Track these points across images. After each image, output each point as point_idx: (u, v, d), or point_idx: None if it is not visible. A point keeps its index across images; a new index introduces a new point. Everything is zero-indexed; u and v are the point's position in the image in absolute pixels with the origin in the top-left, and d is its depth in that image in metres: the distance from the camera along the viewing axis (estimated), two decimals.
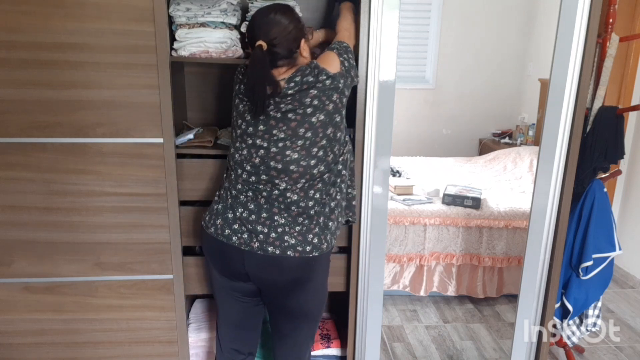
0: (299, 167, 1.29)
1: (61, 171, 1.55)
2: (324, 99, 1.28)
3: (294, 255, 1.31)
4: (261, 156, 1.30)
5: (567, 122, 1.59)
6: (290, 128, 1.28)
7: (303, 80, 1.28)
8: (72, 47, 1.45)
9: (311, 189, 1.32)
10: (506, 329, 2.42)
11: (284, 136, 1.28)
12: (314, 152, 1.30)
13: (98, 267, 1.65)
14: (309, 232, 1.33)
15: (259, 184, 1.32)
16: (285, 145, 1.28)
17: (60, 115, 1.50)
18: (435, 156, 3.93)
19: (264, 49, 1.26)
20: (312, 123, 1.28)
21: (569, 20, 1.51)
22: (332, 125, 1.30)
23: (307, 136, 1.28)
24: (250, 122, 1.31)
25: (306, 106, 1.27)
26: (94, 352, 1.73)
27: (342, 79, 1.32)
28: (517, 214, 2.61)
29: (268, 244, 1.31)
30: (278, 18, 1.28)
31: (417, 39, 4.25)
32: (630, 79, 2.89)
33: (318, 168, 1.31)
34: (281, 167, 1.29)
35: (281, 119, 1.28)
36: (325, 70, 1.29)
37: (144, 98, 1.51)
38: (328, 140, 1.31)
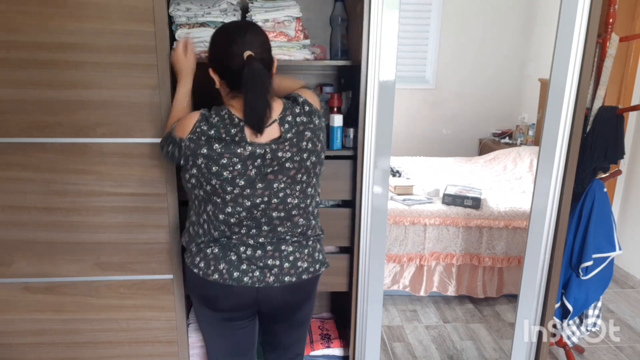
0: (299, 210, 1.27)
1: (61, 171, 1.54)
2: (315, 140, 1.23)
3: (309, 277, 1.32)
4: (262, 209, 1.23)
5: (567, 122, 1.59)
6: (289, 177, 1.22)
7: (297, 120, 1.21)
8: (72, 47, 1.45)
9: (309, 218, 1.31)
10: (506, 329, 2.42)
11: (283, 186, 1.22)
12: (309, 192, 1.28)
13: (98, 267, 1.65)
14: (314, 251, 1.34)
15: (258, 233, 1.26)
16: (285, 194, 1.23)
17: (61, 115, 1.50)
18: (435, 156, 3.93)
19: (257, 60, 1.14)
20: (307, 167, 1.23)
21: (569, 20, 1.51)
22: (319, 163, 1.27)
23: (304, 180, 1.24)
24: (245, 185, 1.19)
25: (302, 151, 1.21)
26: (94, 352, 1.73)
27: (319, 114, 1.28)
28: (517, 214, 2.61)
29: (283, 274, 1.28)
30: (258, 31, 1.20)
31: (417, 39, 4.25)
32: (630, 79, 2.89)
33: (311, 204, 1.30)
34: (284, 214, 1.25)
35: (279, 171, 1.20)
36: (316, 109, 1.25)
37: (144, 98, 1.51)
38: (316, 178, 1.29)
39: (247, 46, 1.15)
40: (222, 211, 1.23)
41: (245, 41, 1.15)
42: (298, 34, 1.64)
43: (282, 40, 1.62)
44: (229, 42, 1.16)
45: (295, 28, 1.63)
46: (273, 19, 1.60)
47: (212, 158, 1.17)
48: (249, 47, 1.15)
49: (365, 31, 1.53)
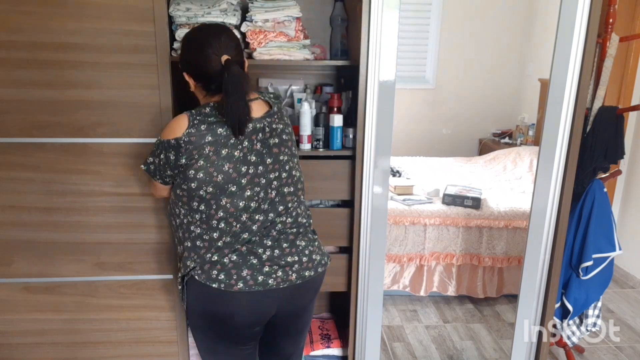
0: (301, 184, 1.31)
1: (61, 171, 1.55)
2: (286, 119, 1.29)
3: (323, 270, 1.33)
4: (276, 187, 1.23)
5: (567, 122, 1.59)
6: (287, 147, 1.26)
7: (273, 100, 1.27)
8: (72, 47, 1.45)
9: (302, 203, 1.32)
10: (506, 329, 2.42)
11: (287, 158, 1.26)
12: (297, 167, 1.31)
13: (98, 267, 1.65)
14: (320, 244, 1.35)
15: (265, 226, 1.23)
16: (290, 165, 1.26)
17: (61, 115, 1.50)
18: (435, 156, 3.93)
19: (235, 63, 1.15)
20: (293, 141, 1.30)
21: (569, 20, 1.51)
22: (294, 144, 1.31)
23: (295, 153, 1.30)
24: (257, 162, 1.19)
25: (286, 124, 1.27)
26: (94, 352, 1.73)
27: None
28: (517, 214, 2.61)
29: (304, 269, 1.26)
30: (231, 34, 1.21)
31: (417, 39, 4.24)
32: (630, 79, 2.89)
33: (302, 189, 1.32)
34: (293, 189, 1.27)
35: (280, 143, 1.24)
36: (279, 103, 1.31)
37: (144, 98, 1.51)
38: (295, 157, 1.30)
39: (224, 50, 1.15)
40: (241, 197, 1.18)
41: (222, 45, 1.16)
42: (298, 34, 1.64)
43: (282, 40, 1.62)
44: (205, 45, 1.16)
45: (295, 28, 1.63)
46: (273, 19, 1.60)
47: (219, 142, 1.16)
48: (225, 50, 1.15)
49: (365, 31, 1.53)
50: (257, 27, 1.60)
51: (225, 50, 1.16)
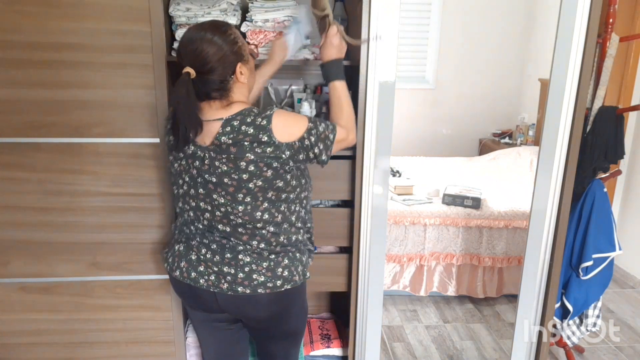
0: (247, 230, 1.21)
1: (57, 171, 1.54)
2: (262, 165, 1.14)
3: (266, 292, 1.23)
4: (208, 219, 1.22)
5: (567, 122, 1.59)
6: (229, 193, 1.17)
7: (241, 128, 1.13)
8: (68, 47, 1.44)
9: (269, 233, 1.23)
10: (506, 329, 2.42)
11: (224, 201, 1.18)
12: (258, 216, 1.20)
13: (94, 267, 1.64)
14: (277, 266, 1.24)
15: (215, 238, 1.24)
16: (227, 210, 1.18)
17: (56, 115, 1.49)
18: (435, 156, 3.93)
19: (191, 77, 1.10)
20: (250, 189, 1.16)
21: (569, 20, 1.51)
22: (273, 189, 1.18)
23: (247, 201, 1.17)
24: (190, 183, 1.21)
25: (242, 171, 1.14)
26: (90, 352, 1.72)
27: (290, 151, 1.16)
28: (517, 214, 2.60)
29: (237, 284, 1.22)
30: (209, 38, 1.11)
31: (417, 39, 4.24)
32: (630, 79, 2.88)
33: (267, 229, 1.21)
34: (230, 229, 1.21)
35: (218, 184, 1.16)
36: (270, 133, 1.13)
37: (139, 98, 1.50)
38: (271, 203, 1.19)
39: (189, 61, 1.11)
40: (177, 205, 1.29)
41: (187, 54, 1.12)
42: None
43: None
44: (178, 52, 1.16)
45: None
46: (273, 19, 1.59)
47: (169, 148, 1.24)
48: (189, 61, 1.11)
49: (365, 31, 1.52)
50: (257, 27, 1.59)
51: (187, 61, 1.12)
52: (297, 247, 1.28)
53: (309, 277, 1.33)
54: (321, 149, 1.20)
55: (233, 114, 1.15)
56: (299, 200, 1.26)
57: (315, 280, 1.78)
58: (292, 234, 1.27)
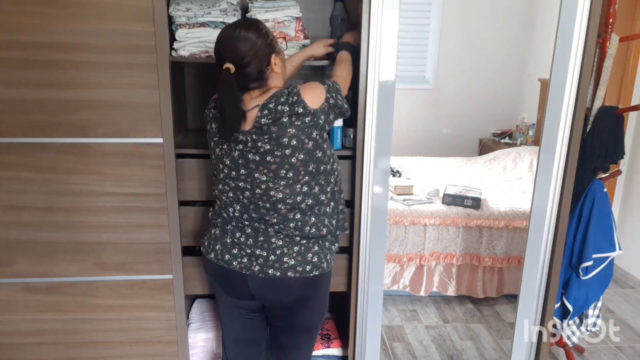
0: (286, 205, 1.29)
1: (62, 171, 1.55)
2: (303, 138, 1.24)
3: (295, 276, 1.31)
4: (248, 197, 1.30)
5: (567, 122, 1.59)
6: (271, 170, 1.25)
7: (277, 108, 1.22)
8: (72, 47, 1.45)
9: (305, 215, 1.31)
10: (506, 329, 2.42)
11: (265, 178, 1.26)
12: (298, 189, 1.28)
13: (98, 267, 1.65)
14: (307, 252, 1.33)
15: (252, 218, 1.32)
16: (268, 186, 1.27)
17: (61, 115, 1.50)
18: (435, 156, 3.93)
19: (231, 72, 1.21)
20: (292, 163, 1.25)
21: (569, 20, 1.51)
22: (314, 161, 1.27)
23: (289, 176, 1.26)
24: (230, 166, 1.29)
25: (284, 147, 1.23)
26: (94, 352, 1.73)
27: (323, 115, 1.26)
28: (517, 214, 2.61)
29: (268, 266, 1.31)
30: (243, 35, 1.22)
31: (417, 39, 4.24)
32: (630, 79, 2.89)
33: (305, 202, 1.30)
34: (269, 205, 1.29)
35: (260, 162, 1.25)
36: (304, 103, 1.23)
37: (144, 98, 1.51)
38: (311, 176, 1.28)
39: (227, 57, 1.22)
40: (217, 188, 1.36)
41: (227, 52, 1.22)
42: (298, 34, 1.64)
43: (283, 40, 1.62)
44: (217, 50, 1.25)
45: (295, 28, 1.63)
46: (273, 19, 1.60)
47: (211, 134, 1.32)
48: (228, 58, 1.22)
49: (365, 31, 1.53)
50: None
51: (228, 57, 1.22)
52: (327, 236, 1.36)
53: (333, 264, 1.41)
54: (342, 100, 1.33)
55: (267, 98, 1.24)
56: (332, 172, 1.34)
57: None
58: (326, 205, 1.34)
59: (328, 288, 1.44)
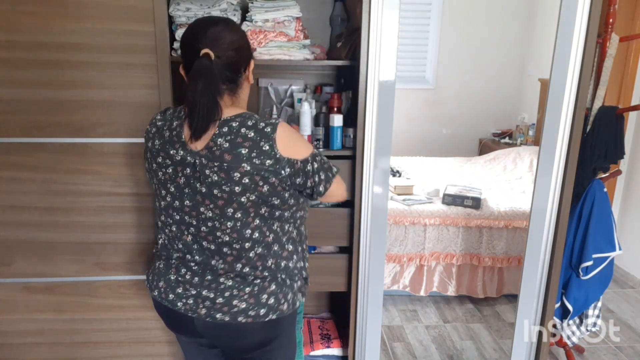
0: (232, 250, 1.08)
1: (61, 171, 1.54)
2: (258, 179, 1.02)
3: (247, 321, 1.09)
4: (193, 234, 1.10)
5: (567, 122, 1.59)
6: (217, 207, 1.04)
7: (240, 131, 1.01)
8: (72, 47, 1.45)
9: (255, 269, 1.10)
10: (506, 329, 2.42)
11: (212, 215, 1.05)
12: (247, 235, 1.07)
13: (98, 267, 1.65)
14: (262, 292, 1.10)
15: (195, 260, 1.12)
16: (214, 225, 1.06)
17: (61, 115, 1.50)
18: (435, 156, 3.93)
19: (211, 58, 1.01)
20: (242, 203, 1.03)
21: (569, 20, 1.51)
22: (267, 205, 1.06)
23: (237, 217, 1.05)
24: (175, 194, 1.08)
25: (234, 182, 1.01)
26: (94, 352, 1.73)
27: (290, 169, 1.04)
28: (517, 214, 2.61)
29: (216, 310, 1.09)
30: (230, 24, 1.07)
31: (417, 39, 4.24)
32: (630, 79, 2.89)
33: (255, 250, 1.09)
34: (214, 247, 1.09)
35: (207, 195, 1.04)
36: (274, 142, 1.01)
37: (144, 98, 1.51)
38: (262, 220, 1.07)
39: (207, 43, 1.02)
40: (159, 219, 1.16)
41: (206, 37, 1.02)
42: (298, 34, 1.64)
43: (282, 40, 1.62)
44: (191, 36, 1.05)
45: (295, 28, 1.63)
46: (273, 19, 1.60)
47: (153, 154, 1.10)
48: (208, 44, 1.01)
49: (365, 31, 1.53)
50: (257, 27, 1.60)
51: (208, 44, 1.01)
52: (287, 273, 1.14)
53: (300, 305, 1.19)
54: (322, 178, 1.10)
55: (232, 115, 1.04)
56: (293, 220, 1.15)
57: (315, 280, 1.78)
58: (283, 258, 1.13)
59: (293, 330, 1.23)
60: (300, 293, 1.19)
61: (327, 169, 1.12)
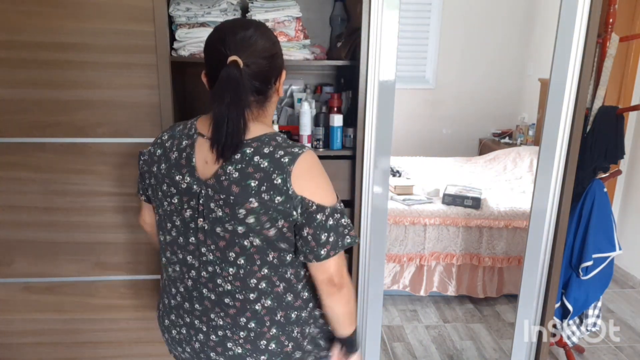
0: (235, 302, 0.93)
1: (61, 171, 1.54)
2: (264, 220, 0.87)
3: None
4: (193, 279, 0.95)
5: (567, 122, 1.59)
6: (218, 248, 0.91)
7: (254, 159, 0.87)
8: (72, 47, 1.45)
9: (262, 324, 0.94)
10: (506, 329, 2.42)
11: (212, 258, 0.92)
12: (253, 284, 0.92)
13: (98, 267, 1.65)
14: (260, 337, 0.94)
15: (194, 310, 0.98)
16: (215, 271, 0.92)
17: (60, 115, 1.50)
18: (435, 156, 3.93)
19: (240, 67, 0.86)
20: (245, 247, 0.89)
21: (569, 20, 1.51)
22: (275, 250, 0.91)
23: (240, 263, 0.90)
24: (180, 229, 0.94)
25: (238, 221, 0.87)
26: (94, 352, 1.73)
27: (302, 209, 0.88)
28: (517, 214, 2.61)
29: (210, 347, 0.96)
30: (259, 35, 0.91)
31: (417, 39, 4.25)
32: (630, 79, 2.89)
33: (262, 302, 0.93)
34: (215, 297, 0.94)
35: (209, 233, 0.90)
36: (287, 177, 0.86)
37: (143, 98, 1.51)
38: (272, 269, 0.92)
39: (236, 50, 0.87)
40: (164, 255, 1.00)
41: (236, 43, 0.88)
42: (298, 33, 1.64)
43: (282, 40, 1.62)
44: (218, 40, 0.90)
45: (295, 28, 1.63)
46: (273, 19, 1.60)
47: (158, 180, 0.96)
48: (238, 51, 0.87)
49: (365, 31, 1.53)
50: None
51: (238, 50, 0.87)
52: (299, 324, 0.97)
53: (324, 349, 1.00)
54: (329, 240, 0.89)
55: (252, 137, 0.89)
56: None
57: None
58: (295, 309, 0.96)
59: None
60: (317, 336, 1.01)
61: (340, 234, 0.91)
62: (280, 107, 1.90)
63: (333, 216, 0.90)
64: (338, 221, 0.91)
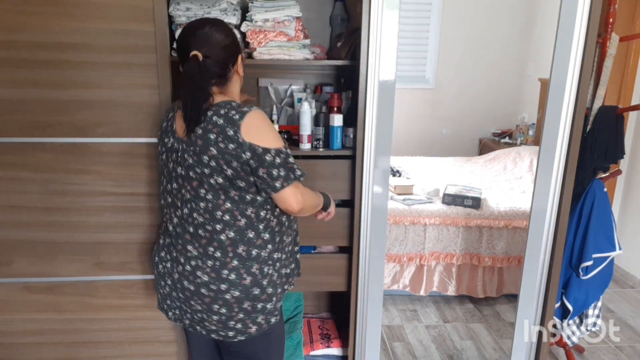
0: (206, 232, 1.16)
1: (61, 171, 1.55)
2: (222, 163, 1.11)
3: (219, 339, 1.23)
4: (178, 217, 1.20)
5: (567, 122, 1.59)
6: (193, 188, 1.15)
7: (212, 119, 1.11)
8: (72, 46, 1.45)
9: (225, 254, 1.17)
10: (506, 329, 2.42)
11: (189, 197, 1.16)
12: (219, 216, 1.14)
13: (98, 267, 1.65)
14: (229, 320, 1.18)
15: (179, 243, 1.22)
16: (192, 206, 1.16)
17: (60, 115, 1.50)
18: (435, 156, 3.93)
19: (199, 60, 1.11)
20: (212, 185, 1.13)
21: (569, 20, 1.52)
22: (235, 189, 1.14)
23: (209, 198, 1.14)
24: (167, 177, 1.22)
25: (204, 165, 1.11)
26: (94, 352, 1.73)
27: (251, 153, 1.10)
28: (517, 214, 2.61)
29: (184, 277, 1.20)
30: (217, 24, 1.17)
31: (417, 39, 4.25)
32: (630, 79, 2.89)
33: (226, 233, 1.15)
34: (192, 230, 1.17)
35: (185, 177, 1.15)
36: (238, 128, 1.09)
37: (143, 98, 1.51)
38: (234, 203, 1.14)
39: (196, 45, 1.13)
40: (161, 201, 1.28)
41: (194, 40, 1.13)
42: (298, 33, 1.64)
43: (282, 40, 1.62)
44: (182, 39, 1.16)
45: (295, 28, 1.63)
46: (273, 19, 1.60)
47: (159, 143, 1.26)
48: (195, 46, 1.13)
49: (365, 31, 1.53)
50: (257, 26, 1.60)
51: (195, 46, 1.12)
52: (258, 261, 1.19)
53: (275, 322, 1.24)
54: (281, 175, 1.12)
55: (213, 104, 1.14)
56: (270, 207, 1.20)
57: (315, 280, 1.79)
58: (256, 247, 1.18)
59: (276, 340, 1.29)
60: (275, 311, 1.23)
61: (290, 169, 1.14)
62: (281, 107, 1.90)
63: (279, 156, 1.13)
64: (285, 159, 1.14)
